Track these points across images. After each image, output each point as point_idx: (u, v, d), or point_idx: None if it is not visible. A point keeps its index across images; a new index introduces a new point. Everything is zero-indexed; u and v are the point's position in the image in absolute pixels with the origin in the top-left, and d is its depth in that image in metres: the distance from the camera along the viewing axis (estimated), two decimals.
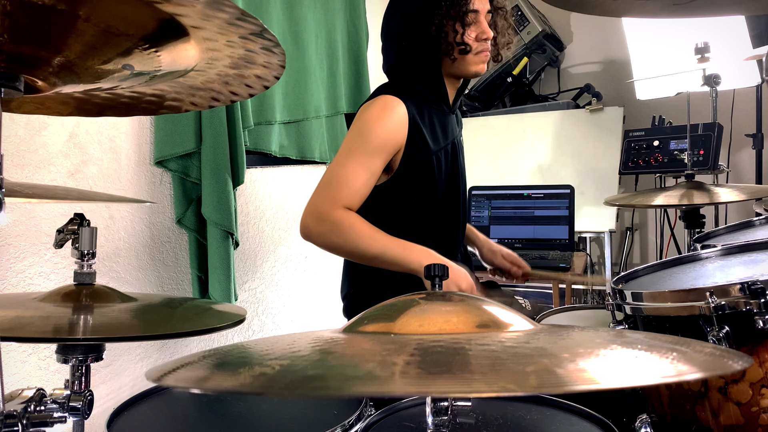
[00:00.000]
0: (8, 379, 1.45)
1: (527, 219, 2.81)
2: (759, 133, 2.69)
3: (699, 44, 1.98)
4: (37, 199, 0.94)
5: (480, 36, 1.47)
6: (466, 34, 1.45)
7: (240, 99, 0.73)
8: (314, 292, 2.62)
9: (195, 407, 1.02)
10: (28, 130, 1.52)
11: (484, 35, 1.47)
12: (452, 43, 1.45)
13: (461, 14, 1.44)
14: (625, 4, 0.95)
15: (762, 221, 1.61)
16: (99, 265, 1.53)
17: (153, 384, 0.80)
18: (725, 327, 0.90)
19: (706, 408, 0.93)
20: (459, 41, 1.45)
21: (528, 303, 1.86)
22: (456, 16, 1.44)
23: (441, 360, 0.49)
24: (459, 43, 1.45)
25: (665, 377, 0.47)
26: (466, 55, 1.47)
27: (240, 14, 0.52)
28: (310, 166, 2.61)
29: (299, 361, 0.52)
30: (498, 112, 3.44)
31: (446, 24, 1.45)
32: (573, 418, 0.90)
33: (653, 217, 3.36)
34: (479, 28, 1.47)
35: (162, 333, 0.88)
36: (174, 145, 1.89)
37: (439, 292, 0.68)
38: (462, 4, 1.44)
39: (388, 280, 1.38)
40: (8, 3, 0.49)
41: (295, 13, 2.42)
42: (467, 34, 1.46)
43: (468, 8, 1.44)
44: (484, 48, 1.49)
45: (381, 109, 1.42)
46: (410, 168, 1.45)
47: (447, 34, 1.46)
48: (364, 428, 0.87)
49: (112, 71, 0.61)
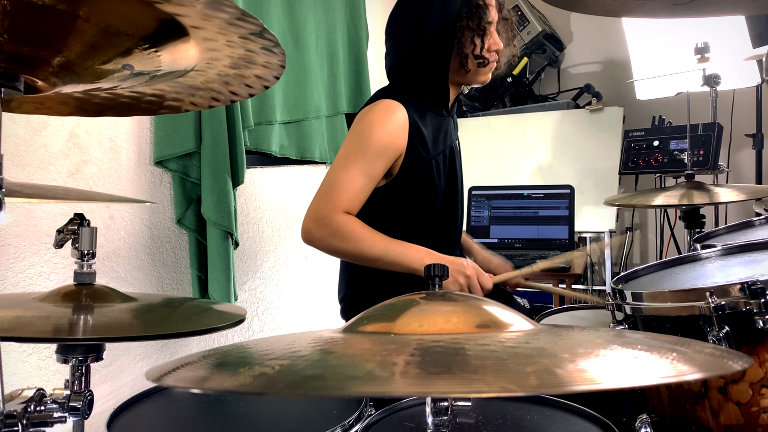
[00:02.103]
0: (8, 379, 1.45)
1: (527, 219, 2.81)
2: (759, 133, 2.69)
3: (699, 44, 1.98)
4: (37, 199, 0.94)
5: (491, 47, 1.48)
6: (486, 48, 1.47)
7: (240, 99, 0.73)
8: (314, 292, 2.62)
9: (195, 407, 1.02)
10: (28, 130, 1.52)
11: (495, 46, 1.49)
12: (470, 55, 1.46)
13: (482, 27, 1.45)
14: (625, 4, 0.95)
15: (762, 221, 1.61)
16: (99, 265, 1.53)
17: (153, 384, 0.80)
18: (725, 327, 0.90)
19: (706, 408, 0.93)
20: (478, 54, 1.46)
21: (527, 303, 1.86)
22: (476, 28, 1.45)
23: (441, 360, 0.49)
24: (477, 56, 1.46)
25: (665, 377, 0.47)
26: (482, 68, 1.49)
27: (240, 14, 0.52)
28: (310, 166, 2.61)
29: (299, 361, 0.52)
30: (498, 112, 3.44)
31: (466, 36, 1.45)
32: (573, 418, 0.90)
33: (653, 217, 3.36)
34: (491, 39, 1.48)
35: (162, 333, 0.88)
36: (174, 145, 1.89)
37: (439, 292, 0.68)
38: (483, 17, 1.44)
39: (386, 282, 1.39)
40: (8, 3, 0.49)
41: (295, 13, 2.42)
42: (487, 47, 1.47)
43: (487, 20, 1.45)
44: (494, 59, 1.50)
45: (382, 113, 1.42)
46: (410, 172, 1.45)
47: (464, 46, 1.46)
48: (364, 428, 0.87)
49: (112, 71, 0.61)
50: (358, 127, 1.44)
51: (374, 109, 1.44)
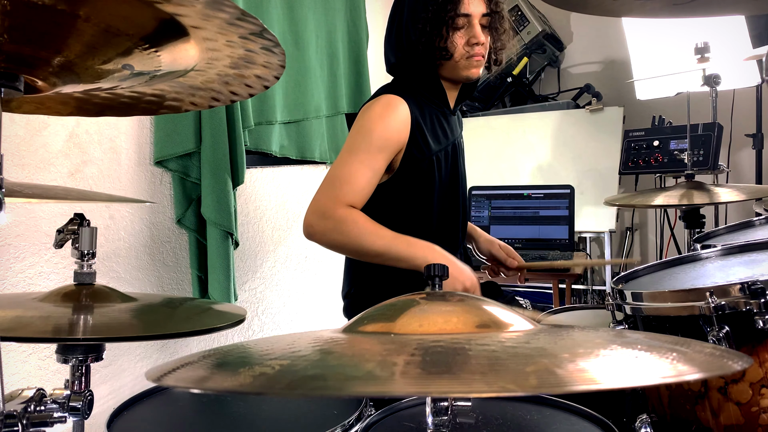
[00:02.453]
0: (8, 379, 1.45)
1: (527, 219, 2.81)
2: (759, 133, 2.69)
3: (699, 44, 1.98)
4: (37, 199, 0.94)
5: (471, 40, 1.45)
6: (451, 40, 1.44)
7: (240, 99, 0.73)
8: (314, 292, 2.62)
9: (195, 407, 1.02)
10: (28, 130, 1.52)
11: (475, 39, 1.45)
12: (447, 47, 1.45)
13: (447, 19, 1.43)
14: (625, 4, 0.96)
15: (762, 221, 1.61)
16: (99, 265, 1.53)
17: (153, 384, 0.80)
18: (725, 327, 0.90)
19: (706, 408, 0.93)
20: (441, 46, 1.44)
21: (528, 303, 1.86)
22: (442, 21, 1.43)
23: (441, 360, 0.49)
24: (440, 48, 1.44)
25: (665, 377, 0.47)
26: (449, 61, 1.46)
27: (240, 14, 0.52)
28: (310, 166, 2.61)
29: (299, 361, 0.52)
30: (498, 112, 3.44)
31: (432, 29, 1.43)
32: (573, 418, 0.90)
33: (653, 217, 3.36)
34: (470, 32, 1.45)
35: (162, 333, 0.88)
36: (174, 145, 1.89)
37: (440, 292, 0.68)
38: (449, 9, 1.42)
39: (389, 280, 1.38)
40: (8, 3, 0.49)
41: (295, 13, 2.42)
42: (452, 40, 1.44)
43: (456, 12, 1.43)
44: (475, 53, 1.46)
45: (383, 107, 1.42)
46: (411, 168, 1.45)
47: (442, 39, 1.44)
48: (364, 428, 0.87)
49: (112, 71, 0.61)
50: (361, 122, 1.44)
51: (376, 104, 1.44)
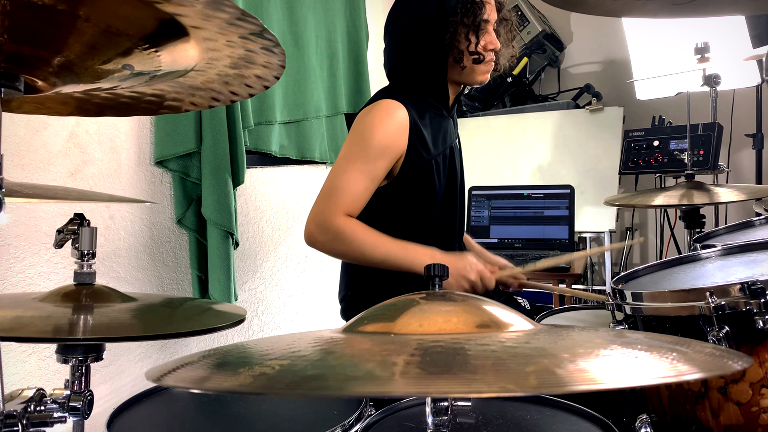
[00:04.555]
0: (8, 379, 1.45)
1: (527, 219, 2.80)
2: (759, 133, 2.69)
3: (699, 44, 1.98)
4: (37, 199, 0.94)
5: (488, 46, 1.49)
6: (480, 45, 1.47)
7: (240, 99, 0.73)
8: (314, 292, 2.62)
9: (195, 407, 1.02)
10: (28, 130, 1.52)
11: (492, 45, 1.49)
12: (465, 52, 1.46)
13: (476, 23, 1.45)
14: (625, 4, 0.96)
15: (762, 221, 1.61)
16: (99, 265, 1.53)
17: (153, 384, 0.80)
18: (725, 327, 0.90)
19: (706, 408, 0.93)
20: (473, 50, 1.46)
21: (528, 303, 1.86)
22: (471, 24, 1.45)
23: (441, 360, 0.49)
24: (473, 53, 1.47)
25: (665, 377, 0.47)
26: (478, 65, 1.48)
27: (240, 14, 0.52)
28: (310, 166, 2.61)
29: (299, 361, 0.52)
30: (498, 112, 3.44)
31: (460, 32, 1.45)
32: (573, 418, 0.90)
33: (653, 217, 3.36)
34: (489, 37, 1.49)
35: (162, 333, 0.88)
36: (174, 145, 1.89)
37: (440, 292, 0.68)
38: (478, 14, 1.45)
39: (386, 283, 1.39)
40: (8, 3, 0.49)
41: (295, 13, 2.42)
42: (479, 45, 1.47)
43: (483, 17, 1.46)
44: (491, 58, 1.50)
45: (382, 113, 1.42)
46: (410, 172, 1.45)
47: (460, 42, 1.46)
48: (364, 428, 0.87)
49: (112, 71, 0.61)
50: (359, 128, 1.44)
51: (374, 109, 1.43)
